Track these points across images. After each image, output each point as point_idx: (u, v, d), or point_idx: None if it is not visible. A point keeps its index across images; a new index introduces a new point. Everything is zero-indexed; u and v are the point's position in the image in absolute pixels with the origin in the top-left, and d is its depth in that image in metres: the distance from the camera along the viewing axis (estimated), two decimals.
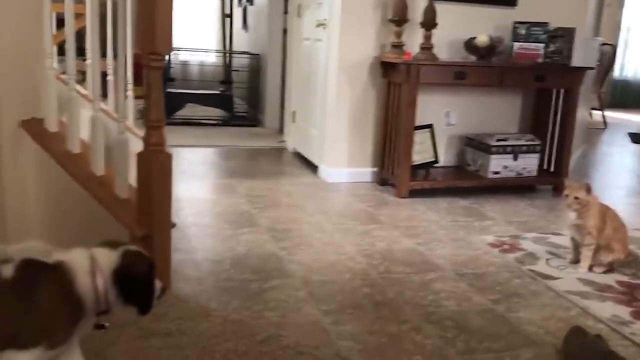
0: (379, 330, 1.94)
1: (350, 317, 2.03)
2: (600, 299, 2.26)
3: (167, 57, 6.28)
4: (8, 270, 1.26)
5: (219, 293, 2.15)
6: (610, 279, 2.46)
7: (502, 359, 1.81)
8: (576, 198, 2.48)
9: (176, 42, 6.84)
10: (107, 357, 1.66)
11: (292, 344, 1.81)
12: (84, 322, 1.33)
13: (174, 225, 2.12)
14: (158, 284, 1.43)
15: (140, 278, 1.38)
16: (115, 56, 2.45)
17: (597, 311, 2.15)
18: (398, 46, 3.68)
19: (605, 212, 2.54)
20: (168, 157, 2.01)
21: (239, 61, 6.57)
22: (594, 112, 7.71)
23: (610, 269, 2.54)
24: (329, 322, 1.98)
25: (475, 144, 3.89)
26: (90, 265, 1.32)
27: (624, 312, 2.15)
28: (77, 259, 1.33)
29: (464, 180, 3.78)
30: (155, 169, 1.98)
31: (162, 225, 2.02)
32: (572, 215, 2.53)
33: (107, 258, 1.35)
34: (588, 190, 2.49)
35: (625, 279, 2.48)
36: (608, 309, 2.17)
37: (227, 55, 6.64)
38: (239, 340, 1.81)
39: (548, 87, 3.86)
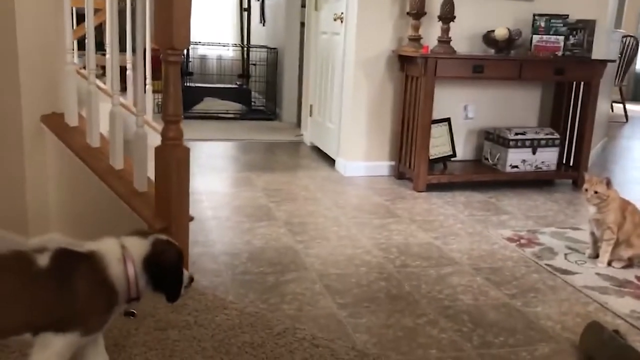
0: (395, 324, 1.95)
1: (366, 310, 2.04)
2: (619, 295, 2.24)
3: (185, 51, 6.34)
4: (44, 259, 1.29)
5: (236, 286, 2.17)
6: (630, 274, 2.44)
7: (519, 353, 1.80)
8: (596, 192, 2.45)
9: (194, 36, 6.86)
10: (125, 348, 1.69)
11: (308, 337, 1.82)
12: (117, 309, 1.37)
13: (191, 218, 2.14)
14: (186, 273, 1.45)
15: (170, 266, 1.41)
16: (134, 51, 2.48)
17: (616, 306, 2.13)
18: (416, 39, 3.66)
19: (625, 207, 2.51)
20: (185, 151, 2.03)
21: (257, 55, 6.58)
22: (615, 105, 7.60)
23: (629, 264, 2.51)
24: (345, 315, 1.99)
25: (494, 138, 3.86)
26: (122, 254, 1.36)
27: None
28: (108, 248, 1.36)
29: (482, 174, 3.76)
30: (173, 163, 2.00)
31: (179, 218, 2.05)
32: (591, 210, 2.51)
33: (138, 246, 1.38)
34: (608, 184, 2.46)
35: None
36: (627, 305, 2.15)
37: (245, 49, 6.66)
38: (255, 333, 1.82)
39: (568, 80, 3.81)
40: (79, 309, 1.29)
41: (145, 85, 3.34)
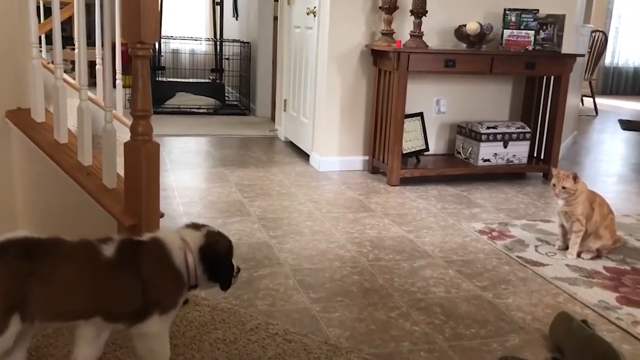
0: (368, 317, 1.96)
1: (340, 304, 2.04)
2: (587, 285, 2.28)
3: (156, 45, 6.26)
4: (109, 250, 1.36)
5: None
6: (598, 265, 2.48)
7: (490, 345, 1.82)
8: (564, 188, 2.49)
9: (166, 30, 6.81)
10: None
11: (281, 332, 1.81)
12: (185, 292, 1.44)
13: (162, 214, 2.12)
14: (235, 263, 1.52)
15: (223, 255, 1.48)
16: (103, 45, 2.44)
17: (585, 297, 2.17)
18: (388, 34, 3.67)
19: (594, 199, 2.56)
20: (155, 147, 2.00)
21: (230, 49, 6.53)
22: (585, 99, 7.73)
23: (598, 255, 2.56)
24: (318, 309, 1.99)
25: (466, 132, 3.90)
26: (182, 243, 1.43)
27: (610, 297, 2.17)
28: (169, 237, 1.44)
29: (454, 168, 3.79)
30: (143, 159, 1.97)
31: (150, 214, 2.02)
32: (560, 202, 2.55)
33: (194, 237, 1.45)
34: (575, 178, 2.50)
35: (612, 264, 2.50)
36: (595, 295, 2.19)
37: (218, 43, 6.60)
38: (227, 329, 1.81)
39: (538, 74, 3.86)
40: (151, 293, 1.36)
41: (114, 79, 3.29)
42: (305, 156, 4.23)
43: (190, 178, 3.59)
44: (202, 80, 6.58)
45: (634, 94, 10.26)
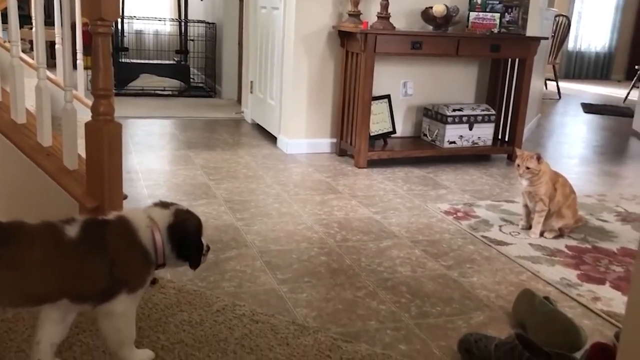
0: (335, 297, 1.96)
1: (307, 285, 2.04)
2: (550, 263, 2.33)
3: (119, 26, 6.12)
4: (73, 230, 1.33)
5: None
6: (560, 244, 2.54)
7: (455, 322, 1.85)
8: (527, 168, 2.53)
9: (130, 10, 6.64)
10: None
11: (248, 313, 1.81)
12: (152, 271, 1.43)
13: (125, 197, 2.08)
14: (204, 241, 1.50)
15: (192, 233, 1.46)
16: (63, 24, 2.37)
17: (547, 275, 2.22)
18: (355, 15, 3.65)
19: (556, 180, 2.60)
20: (117, 127, 1.96)
21: (195, 30, 6.42)
22: (549, 82, 7.86)
23: (560, 234, 2.61)
24: (286, 290, 1.99)
25: (432, 114, 3.92)
26: (149, 221, 1.41)
27: (571, 275, 2.23)
28: (136, 216, 1.42)
29: (421, 150, 3.81)
30: (104, 140, 1.92)
31: (112, 196, 1.98)
32: (524, 182, 2.59)
33: (162, 215, 1.43)
34: (539, 159, 2.54)
35: (574, 243, 2.56)
36: (557, 272, 2.24)
37: (183, 24, 6.48)
38: (194, 311, 1.80)
39: (503, 57, 3.90)
40: (118, 272, 1.34)
41: (75, 59, 3.20)
42: (272, 139, 4.21)
43: (154, 160, 3.53)
44: (167, 62, 6.47)
45: (596, 78, 10.48)
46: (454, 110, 3.80)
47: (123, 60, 6.11)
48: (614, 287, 2.14)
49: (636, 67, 7.30)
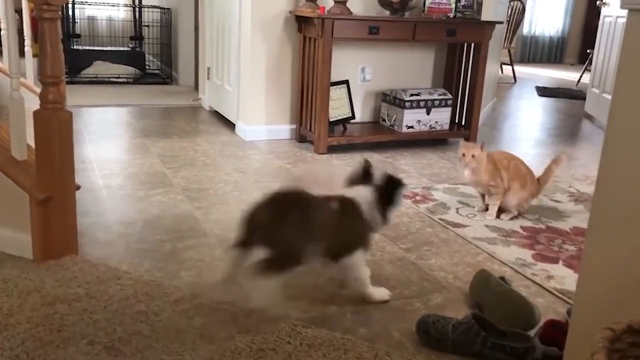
0: (296, 283, 1.96)
1: None
2: (505, 244, 2.38)
3: (70, 11, 5.93)
4: (335, 205, 1.78)
5: (130, 255, 2.09)
6: (516, 225, 2.59)
7: (413, 304, 1.87)
8: (473, 156, 2.55)
9: None
10: (8, 327, 1.58)
11: (207, 302, 1.79)
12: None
13: (78, 187, 2.03)
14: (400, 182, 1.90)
15: (395, 202, 1.87)
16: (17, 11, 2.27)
17: (503, 255, 2.27)
18: (312, 0, 3.62)
19: (499, 161, 2.64)
20: (67, 116, 1.90)
21: (150, 16, 6.28)
22: (505, 67, 8.00)
23: (516, 215, 2.66)
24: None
25: (390, 99, 3.94)
26: (365, 197, 1.83)
27: (526, 255, 2.28)
28: (360, 194, 1.84)
29: (380, 135, 3.83)
30: (54, 129, 1.87)
31: (64, 187, 1.93)
32: (466, 173, 2.62)
33: (367, 192, 1.84)
34: (482, 148, 2.58)
35: (529, 224, 2.61)
36: (512, 253, 2.29)
37: (137, 9, 6.32)
38: (151, 302, 1.77)
39: (459, 41, 3.94)
40: (361, 235, 1.83)
41: (24, 47, 3.09)
42: (230, 125, 4.16)
43: (109, 150, 3.46)
44: (121, 49, 6.32)
45: (550, 61, 10.72)
46: (412, 95, 3.83)
47: (75, 48, 5.94)
48: (566, 265, 2.20)
49: (588, 51, 7.48)
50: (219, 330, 1.64)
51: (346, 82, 3.91)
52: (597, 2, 5.39)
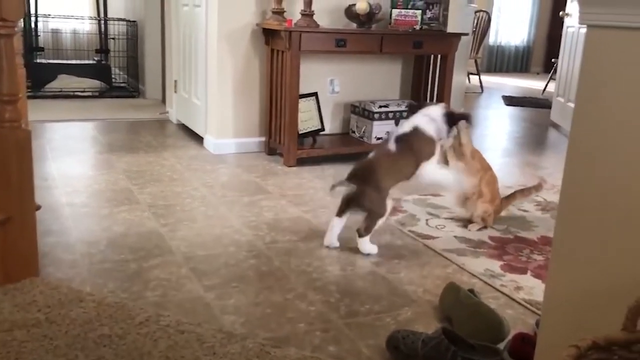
0: (264, 301, 1.93)
1: (235, 290, 2.00)
2: (474, 255, 2.38)
3: (33, 24, 5.82)
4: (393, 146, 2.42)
5: (94, 276, 2.04)
6: (484, 235, 2.60)
7: (383, 319, 1.86)
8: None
9: (45, 8, 6.34)
10: None
11: (172, 323, 1.74)
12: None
13: (38, 207, 1.97)
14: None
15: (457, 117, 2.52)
16: None
17: (472, 267, 2.27)
18: (279, 12, 3.61)
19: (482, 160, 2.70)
20: (26, 135, 1.85)
21: (116, 28, 6.20)
22: (472, 76, 8.10)
23: (484, 226, 2.68)
24: (212, 297, 1.94)
25: (359, 111, 3.94)
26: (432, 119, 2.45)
27: (495, 265, 2.29)
28: (420, 121, 2.44)
29: (350, 146, 3.83)
30: (12, 148, 1.81)
31: (23, 207, 1.87)
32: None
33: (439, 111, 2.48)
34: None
35: (497, 234, 2.63)
36: (481, 264, 2.30)
37: (102, 22, 6.24)
38: (115, 324, 1.72)
39: (426, 53, 3.97)
40: (427, 147, 2.42)
41: None
42: (198, 139, 4.12)
43: (74, 166, 3.38)
44: (86, 62, 6.22)
45: (516, 71, 10.91)
46: (380, 106, 3.84)
47: (38, 61, 5.83)
48: (535, 275, 2.21)
49: (552, 60, 7.63)
50: (185, 353, 1.60)
51: (315, 94, 3.90)
52: (560, 13, 5.51)
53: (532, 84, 8.95)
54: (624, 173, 1.10)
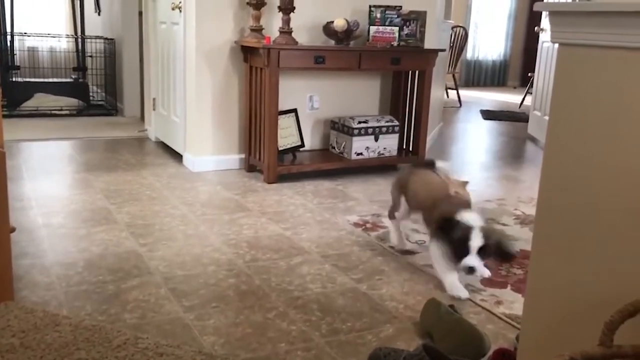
0: (244, 321, 1.91)
1: (215, 310, 1.98)
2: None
3: (9, 43, 5.76)
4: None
5: (70, 299, 2.00)
6: None
7: (365, 337, 1.85)
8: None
9: (22, 26, 6.29)
10: None
11: (151, 346, 1.71)
12: None
13: (12, 229, 1.93)
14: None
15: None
16: None
17: None
18: (257, 30, 3.63)
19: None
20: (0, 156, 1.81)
21: (93, 46, 6.16)
22: (450, 91, 8.19)
23: None
24: (192, 318, 1.92)
25: (339, 127, 3.96)
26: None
27: (475, 280, 2.29)
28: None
29: (329, 162, 3.84)
30: None
31: None
32: None
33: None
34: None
35: None
36: (462, 279, 2.30)
37: (80, 40, 6.20)
38: (92, 348, 1.68)
39: (404, 69, 4.00)
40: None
41: None
42: (177, 157, 4.09)
43: (50, 186, 3.33)
44: (64, 80, 6.16)
45: (494, 85, 11.05)
46: (360, 122, 3.85)
47: (14, 80, 5.76)
48: (514, 289, 2.22)
49: (529, 74, 7.75)
50: None
51: (294, 110, 3.91)
52: (536, 29, 5.60)
53: (509, 98, 9.07)
54: (600, 186, 1.12)
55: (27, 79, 5.99)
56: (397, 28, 3.87)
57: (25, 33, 6.06)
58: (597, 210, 1.12)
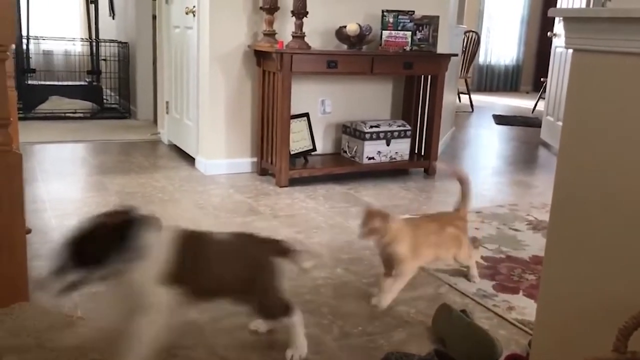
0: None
1: (227, 313, 1.98)
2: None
3: (24, 46, 5.83)
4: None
5: (85, 300, 2.02)
6: (476, 255, 2.60)
7: (377, 341, 1.85)
8: (372, 229, 2.03)
9: (37, 30, 6.36)
10: None
11: (165, 347, 1.73)
12: None
13: (29, 230, 1.96)
14: None
15: None
16: None
17: (464, 287, 2.27)
18: (270, 35, 3.65)
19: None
20: (16, 158, 1.84)
21: (107, 50, 6.23)
22: (462, 96, 8.17)
23: (475, 245, 2.68)
24: (206, 320, 1.93)
25: (350, 131, 3.96)
26: None
27: (487, 285, 2.29)
28: None
29: (341, 166, 3.84)
30: (2, 172, 1.80)
31: (13, 232, 1.86)
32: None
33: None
34: (386, 218, 2.04)
35: (489, 254, 2.64)
36: (473, 284, 2.30)
37: (94, 43, 6.26)
38: (106, 349, 1.70)
39: (416, 74, 4.01)
40: None
41: None
42: (190, 160, 4.12)
43: (64, 188, 3.37)
44: (78, 83, 6.23)
45: (506, 90, 11.01)
46: (372, 126, 3.86)
47: (30, 83, 5.83)
48: (527, 295, 2.22)
49: (542, 79, 7.72)
50: None
51: (306, 114, 3.92)
52: (549, 34, 5.59)
53: (521, 103, 9.04)
54: (614, 192, 1.12)
55: (42, 82, 6.06)
56: (409, 33, 3.87)
57: (40, 36, 6.14)
58: (610, 217, 1.12)
